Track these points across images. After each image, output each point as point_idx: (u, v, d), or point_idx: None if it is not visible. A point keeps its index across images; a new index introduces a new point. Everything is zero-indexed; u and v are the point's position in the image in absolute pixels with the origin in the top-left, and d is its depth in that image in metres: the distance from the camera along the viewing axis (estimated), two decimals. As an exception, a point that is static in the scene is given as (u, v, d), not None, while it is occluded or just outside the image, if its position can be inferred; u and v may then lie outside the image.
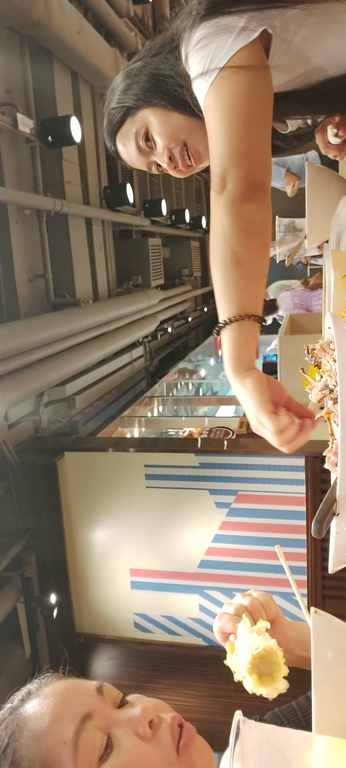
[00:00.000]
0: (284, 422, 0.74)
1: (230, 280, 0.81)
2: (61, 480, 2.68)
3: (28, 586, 2.69)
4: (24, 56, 3.08)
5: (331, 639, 0.55)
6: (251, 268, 0.81)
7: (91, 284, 3.94)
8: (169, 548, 2.65)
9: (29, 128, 2.98)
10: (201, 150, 1.03)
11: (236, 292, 0.81)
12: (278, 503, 2.44)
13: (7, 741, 0.58)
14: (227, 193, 0.81)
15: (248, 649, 0.60)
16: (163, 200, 5.11)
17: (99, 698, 0.61)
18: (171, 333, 5.63)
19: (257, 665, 0.59)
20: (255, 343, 0.83)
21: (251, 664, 0.59)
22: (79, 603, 2.80)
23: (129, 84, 1.03)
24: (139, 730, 0.58)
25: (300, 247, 1.28)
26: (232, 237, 0.80)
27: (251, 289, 0.82)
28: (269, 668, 0.59)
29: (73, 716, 0.57)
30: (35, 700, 0.61)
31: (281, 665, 0.59)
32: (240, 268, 0.80)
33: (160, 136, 1.02)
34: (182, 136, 1.02)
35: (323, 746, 0.44)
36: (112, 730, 0.58)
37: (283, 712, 0.81)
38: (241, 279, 0.81)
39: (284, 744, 0.44)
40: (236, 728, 0.45)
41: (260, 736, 0.44)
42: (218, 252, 0.82)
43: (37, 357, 2.85)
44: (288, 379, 2.64)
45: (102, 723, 0.58)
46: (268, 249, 0.84)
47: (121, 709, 0.61)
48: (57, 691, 0.61)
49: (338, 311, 0.69)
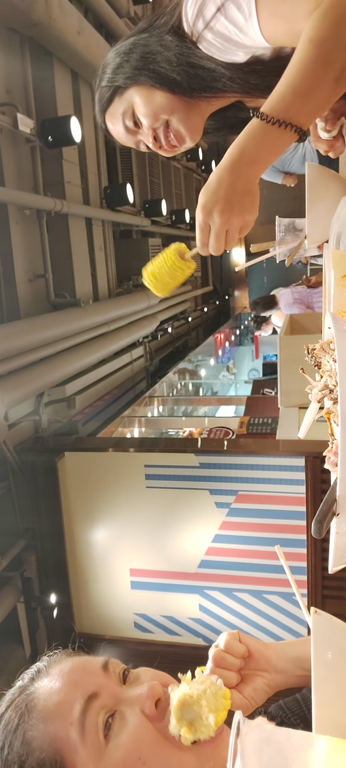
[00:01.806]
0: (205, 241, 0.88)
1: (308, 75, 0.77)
2: (61, 480, 2.68)
3: (28, 586, 2.69)
4: (24, 56, 3.08)
5: (331, 639, 0.55)
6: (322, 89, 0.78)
7: (91, 284, 3.94)
8: (170, 548, 2.65)
9: (29, 128, 2.98)
10: (183, 131, 1.04)
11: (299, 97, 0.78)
12: (278, 503, 2.43)
13: (17, 722, 0.59)
14: None
15: (173, 715, 0.58)
16: (164, 200, 5.12)
17: (105, 676, 0.61)
18: (171, 333, 5.63)
19: (181, 717, 0.57)
20: (279, 155, 0.84)
21: (176, 719, 0.57)
22: (79, 603, 2.81)
23: (120, 63, 1.03)
24: (146, 710, 0.58)
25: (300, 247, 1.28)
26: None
27: (313, 103, 0.80)
28: (192, 712, 0.57)
29: (79, 696, 0.58)
30: (44, 680, 0.62)
31: (201, 699, 0.57)
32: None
33: (145, 117, 1.02)
34: (164, 115, 1.02)
35: (323, 746, 0.44)
36: (119, 707, 0.59)
37: (287, 704, 0.81)
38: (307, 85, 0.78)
39: (284, 744, 0.44)
40: (235, 728, 0.45)
41: (260, 736, 0.44)
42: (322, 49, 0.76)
43: (37, 357, 2.85)
44: (288, 379, 2.64)
45: (109, 701, 0.59)
46: (340, 83, 0.80)
47: (128, 686, 0.62)
48: (64, 671, 0.62)
49: (338, 311, 0.69)
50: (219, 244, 0.89)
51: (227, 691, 0.61)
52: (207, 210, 0.86)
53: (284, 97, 0.79)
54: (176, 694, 0.59)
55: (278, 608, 2.55)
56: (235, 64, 0.97)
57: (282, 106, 0.79)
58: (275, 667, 0.77)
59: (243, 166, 0.83)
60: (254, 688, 0.75)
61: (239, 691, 0.74)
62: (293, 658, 0.78)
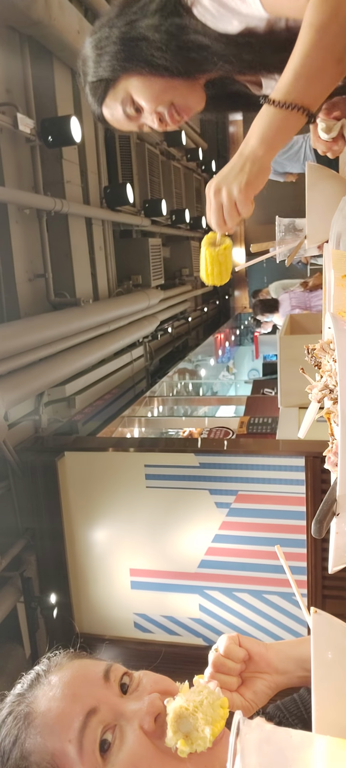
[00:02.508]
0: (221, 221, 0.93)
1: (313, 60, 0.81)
2: (61, 480, 2.68)
3: (28, 586, 2.69)
4: (24, 56, 3.08)
5: (331, 639, 0.55)
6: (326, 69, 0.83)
7: (91, 284, 3.94)
8: (170, 548, 2.65)
9: (29, 128, 2.98)
10: (190, 103, 1.05)
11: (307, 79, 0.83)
12: (278, 503, 2.43)
13: (16, 734, 0.59)
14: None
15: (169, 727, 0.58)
16: (164, 200, 5.11)
17: (105, 687, 0.61)
18: (171, 333, 5.63)
19: (177, 729, 0.57)
20: (291, 136, 0.89)
21: (172, 732, 0.57)
22: (79, 603, 2.81)
23: (99, 54, 1.02)
24: (145, 725, 0.58)
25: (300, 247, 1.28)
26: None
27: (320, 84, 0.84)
28: (189, 725, 0.57)
29: (78, 712, 0.57)
30: (44, 688, 0.61)
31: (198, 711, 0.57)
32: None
33: (147, 102, 1.02)
34: (168, 97, 1.02)
35: (323, 746, 0.44)
36: (118, 722, 0.58)
37: (285, 704, 0.81)
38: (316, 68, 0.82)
39: (284, 744, 0.44)
40: (235, 728, 0.45)
41: (260, 736, 0.44)
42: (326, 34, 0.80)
43: (37, 357, 2.85)
44: (288, 379, 2.64)
45: (108, 716, 0.58)
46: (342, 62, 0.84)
47: (128, 698, 0.61)
48: (64, 680, 0.61)
49: (338, 311, 0.69)
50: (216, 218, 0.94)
51: (225, 700, 0.61)
52: (217, 189, 0.92)
53: (291, 82, 0.83)
54: (172, 706, 0.58)
55: (278, 608, 2.55)
56: (228, 38, 0.96)
57: (289, 91, 0.83)
58: (276, 668, 0.76)
59: (249, 147, 0.88)
60: (254, 691, 0.74)
61: (239, 694, 0.74)
62: (295, 658, 0.78)
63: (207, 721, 0.57)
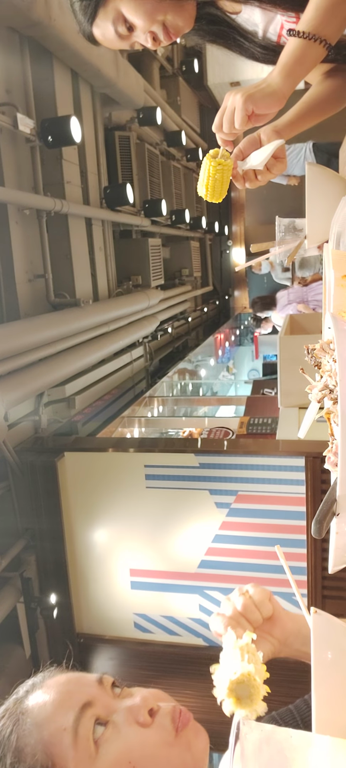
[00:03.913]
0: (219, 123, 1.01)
1: None
2: (61, 480, 2.68)
3: (28, 586, 2.69)
4: (24, 56, 3.08)
5: (331, 639, 0.55)
6: None
7: (91, 284, 3.94)
8: (169, 548, 2.65)
9: (29, 128, 2.98)
10: (180, 23, 1.05)
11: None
12: (278, 503, 2.43)
13: (11, 728, 0.60)
14: None
15: (227, 672, 0.60)
16: (163, 200, 5.11)
17: (99, 688, 0.63)
18: (171, 333, 5.63)
19: (234, 690, 0.59)
20: (310, 68, 0.96)
21: (228, 689, 0.59)
22: (79, 603, 2.80)
23: None
24: (140, 718, 0.60)
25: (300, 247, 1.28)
26: None
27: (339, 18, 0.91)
28: (247, 692, 0.59)
29: (74, 704, 0.60)
30: (39, 691, 0.63)
31: (260, 688, 0.59)
32: None
33: (140, 20, 1.01)
34: (160, 16, 1.02)
35: (323, 746, 0.44)
36: (112, 717, 0.61)
37: (280, 715, 0.81)
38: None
39: (284, 744, 0.44)
40: (236, 728, 0.45)
41: (260, 736, 0.44)
42: None
43: (37, 357, 2.85)
44: (288, 379, 2.64)
45: (102, 711, 0.61)
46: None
47: (122, 699, 0.64)
48: (59, 682, 0.64)
49: (338, 311, 0.69)
50: (228, 118, 1.00)
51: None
52: (229, 93, 0.99)
53: (310, 13, 0.91)
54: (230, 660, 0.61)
55: (278, 608, 2.54)
56: None
57: (309, 21, 0.91)
58: (286, 639, 0.77)
59: (272, 74, 0.96)
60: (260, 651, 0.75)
61: None
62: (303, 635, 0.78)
63: (262, 678, 0.59)
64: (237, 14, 1.16)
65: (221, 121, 1.01)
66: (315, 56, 0.93)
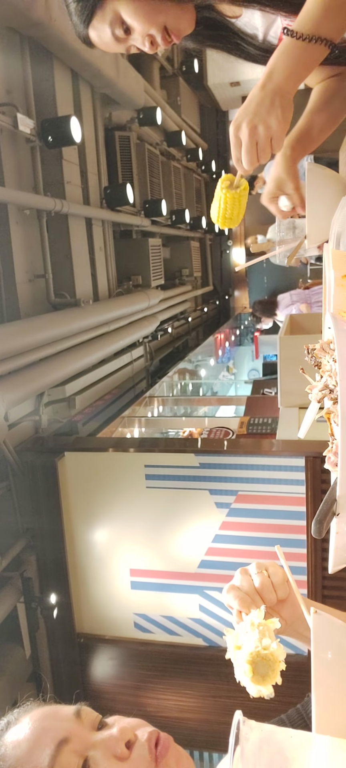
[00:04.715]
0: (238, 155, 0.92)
1: None
2: (61, 480, 2.68)
3: (28, 586, 2.69)
4: (24, 56, 3.08)
5: (331, 639, 0.55)
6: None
7: (91, 284, 3.94)
8: (170, 548, 2.65)
9: (29, 128, 2.98)
10: (182, 26, 1.01)
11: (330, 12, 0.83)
12: (278, 503, 2.43)
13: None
14: None
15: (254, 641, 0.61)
16: (163, 200, 5.11)
17: (77, 722, 0.61)
18: (171, 333, 5.63)
19: (256, 662, 0.59)
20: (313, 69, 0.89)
21: (251, 657, 0.59)
22: (79, 603, 2.80)
23: None
24: (117, 751, 0.58)
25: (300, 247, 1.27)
26: None
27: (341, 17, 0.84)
28: (265, 670, 0.59)
29: (50, 741, 0.57)
30: (14, 729, 0.61)
31: (277, 674, 0.59)
32: None
33: (139, 23, 0.98)
34: (161, 19, 0.98)
35: (323, 746, 0.44)
36: (89, 752, 0.58)
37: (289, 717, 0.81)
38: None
39: (284, 744, 0.44)
40: (236, 728, 0.45)
41: (260, 736, 0.44)
42: None
43: (37, 357, 2.85)
44: (288, 379, 2.64)
45: (79, 746, 0.58)
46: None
47: (99, 731, 0.61)
48: (34, 717, 0.61)
49: (338, 311, 0.69)
50: (250, 156, 0.93)
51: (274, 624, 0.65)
52: (237, 124, 0.92)
53: (313, 13, 0.84)
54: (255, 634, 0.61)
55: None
56: None
57: (312, 23, 0.84)
58: (293, 624, 0.77)
59: (275, 82, 0.88)
60: None
61: None
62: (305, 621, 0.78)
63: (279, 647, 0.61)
64: (237, 18, 1.13)
65: (255, 156, 0.93)
66: (319, 58, 0.88)
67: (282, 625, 0.76)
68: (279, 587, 0.74)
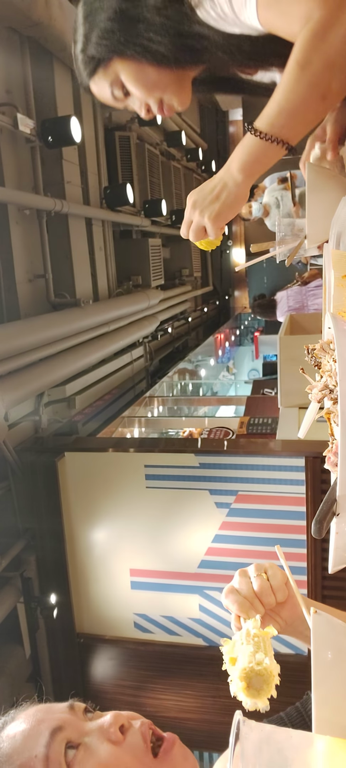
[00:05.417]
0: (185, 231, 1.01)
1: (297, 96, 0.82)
2: (61, 480, 2.68)
3: (28, 586, 2.69)
4: (24, 56, 3.08)
5: (331, 639, 0.55)
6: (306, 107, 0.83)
7: (91, 284, 3.94)
8: (170, 548, 2.65)
9: (29, 128, 2.98)
10: (175, 104, 1.05)
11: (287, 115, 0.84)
12: (278, 503, 2.43)
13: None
14: None
15: (247, 655, 0.60)
16: (163, 200, 5.12)
17: (70, 713, 0.62)
18: (171, 333, 5.63)
19: (251, 677, 0.59)
20: (269, 166, 0.91)
21: (245, 673, 0.59)
22: (79, 603, 2.81)
23: (91, 27, 0.99)
24: (112, 736, 0.59)
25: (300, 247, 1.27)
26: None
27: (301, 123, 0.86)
28: (259, 684, 0.59)
29: (44, 730, 0.59)
30: (9, 725, 0.63)
31: (272, 688, 0.59)
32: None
33: (139, 91, 1.01)
34: (158, 92, 1.02)
35: (323, 746, 0.44)
36: (83, 739, 0.60)
37: (288, 715, 0.81)
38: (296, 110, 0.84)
39: (284, 744, 0.44)
40: (235, 728, 0.45)
41: (260, 736, 0.44)
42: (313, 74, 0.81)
43: (37, 357, 2.85)
44: (288, 379, 2.64)
45: (73, 734, 0.60)
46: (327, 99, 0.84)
47: (92, 720, 0.63)
48: (28, 713, 0.63)
49: (338, 311, 0.69)
50: (183, 229, 1.02)
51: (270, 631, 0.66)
52: (192, 206, 0.98)
53: (273, 114, 0.85)
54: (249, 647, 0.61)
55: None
56: (230, 34, 0.96)
57: (273, 123, 0.85)
58: (293, 623, 0.77)
59: (229, 173, 0.92)
60: None
61: None
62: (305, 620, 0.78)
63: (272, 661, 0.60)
64: (252, 76, 1.14)
65: (186, 232, 1.01)
66: (275, 157, 0.89)
67: (282, 625, 0.76)
68: (278, 590, 0.74)
